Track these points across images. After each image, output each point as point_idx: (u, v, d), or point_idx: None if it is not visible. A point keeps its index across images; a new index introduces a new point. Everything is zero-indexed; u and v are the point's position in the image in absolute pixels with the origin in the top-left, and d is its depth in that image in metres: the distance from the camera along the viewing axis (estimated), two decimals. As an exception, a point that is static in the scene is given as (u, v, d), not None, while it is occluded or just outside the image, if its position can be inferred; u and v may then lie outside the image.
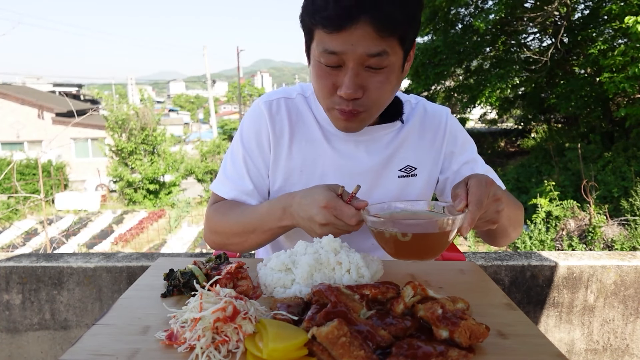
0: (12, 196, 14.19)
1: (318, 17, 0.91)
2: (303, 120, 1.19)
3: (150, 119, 17.70)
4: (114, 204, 17.42)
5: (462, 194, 0.88)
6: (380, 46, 0.91)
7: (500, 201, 0.92)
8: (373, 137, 1.17)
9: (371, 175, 1.18)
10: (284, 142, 1.17)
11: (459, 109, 15.09)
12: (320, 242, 0.93)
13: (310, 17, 0.93)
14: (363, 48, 0.91)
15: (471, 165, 1.24)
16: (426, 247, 0.86)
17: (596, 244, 6.11)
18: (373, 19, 0.88)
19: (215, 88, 65.76)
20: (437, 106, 1.27)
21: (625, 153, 10.76)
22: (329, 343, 0.61)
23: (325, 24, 0.90)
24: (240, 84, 37.34)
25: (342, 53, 0.92)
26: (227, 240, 1.19)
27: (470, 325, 0.66)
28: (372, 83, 0.97)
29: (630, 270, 1.75)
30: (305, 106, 1.20)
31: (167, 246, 11.72)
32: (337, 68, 0.96)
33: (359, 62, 0.93)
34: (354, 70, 0.94)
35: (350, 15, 0.88)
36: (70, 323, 1.81)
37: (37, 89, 29.78)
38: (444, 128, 1.23)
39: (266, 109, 1.18)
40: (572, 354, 1.80)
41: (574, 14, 12.06)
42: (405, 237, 0.84)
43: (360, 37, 0.90)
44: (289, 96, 1.21)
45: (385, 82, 0.98)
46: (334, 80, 0.98)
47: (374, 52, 0.91)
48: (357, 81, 0.95)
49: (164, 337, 0.69)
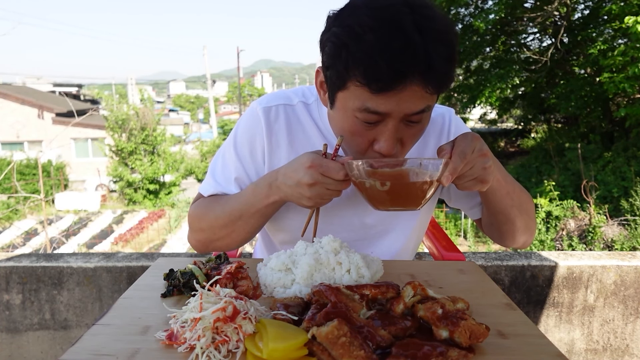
0: (12, 196, 14.19)
1: (360, 73, 0.81)
2: (303, 130, 1.12)
3: (150, 119, 17.70)
4: (114, 204, 17.41)
5: (447, 148, 0.87)
6: (426, 102, 0.86)
7: (486, 157, 0.90)
8: None
9: None
10: (281, 153, 1.12)
11: (459, 109, 15.09)
12: (321, 242, 0.93)
13: (348, 69, 0.83)
14: (409, 107, 0.85)
15: None
16: (406, 196, 0.85)
17: (596, 244, 6.11)
18: (424, 80, 0.81)
19: (215, 88, 65.76)
20: (440, 108, 1.22)
21: (625, 153, 10.76)
22: (329, 343, 0.61)
23: (371, 83, 0.81)
24: (240, 84, 37.35)
25: (386, 113, 0.86)
26: (212, 235, 1.12)
27: (470, 325, 0.66)
28: (409, 135, 0.93)
29: (630, 270, 1.75)
30: (306, 115, 1.13)
31: (167, 246, 11.73)
32: (375, 123, 0.89)
33: (401, 119, 0.88)
34: (395, 127, 0.88)
35: (402, 78, 0.80)
36: (70, 323, 1.81)
37: (37, 89, 29.77)
38: (448, 130, 1.18)
39: (264, 116, 1.11)
40: (572, 354, 1.80)
41: (573, 14, 12.06)
42: (384, 187, 0.84)
43: (409, 97, 0.83)
44: (289, 103, 1.14)
45: (420, 133, 0.95)
46: (370, 136, 0.92)
47: (418, 109, 0.86)
48: (397, 136, 0.90)
49: (164, 337, 0.69)
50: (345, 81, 0.86)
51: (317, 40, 0.94)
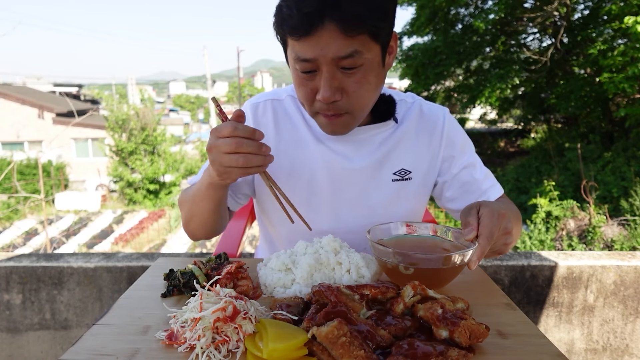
0: (12, 196, 14.19)
1: (285, 26, 0.92)
2: (291, 122, 1.17)
3: (150, 119, 17.70)
4: (114, 204, 17.41)
5: (474, 223, 0.87)
6: (351, 46, 0.90)
7: (509, 234, 0.92)
8: (364, 137, 1.14)
9: (363, 177, 1.15)
10: (269, 145, 1.14)
11: (459, 109, 15.09)
12: (320, 242, 0.93)
13: (280, 27, 0.94)
14: (333, 51, 0.90)
15: (470, 170, 1.22)
16: (430, 280, 0.83)
17: (596, 244, 6.11)
18: (337, 21, 0.87)
19: (215, 88, 65.73)
20: (434, 106, 1.24)
21: (625, 153, 10.75)
22: (329, 343, 0.61)
23: (292, 32, 0.91)
24: (240, 84, 37.33)
25: (314, 59, 0.92)
26: (185, 219, 1.16)
27: (470, 325, 0.66)
28: (350, 84, 0.96)
29: (630, 270, 1.75)
30: (293, 107, 1.17)
31: (167, 246, 11.72)
32: (313, 73, 0.95)
33: (332, 65, 0.92)
34: (328, 73, 0.93)
35: (313, 21, 0.87)
36: (71, 323, 1.81)
37: (37, 89, 29.76)
38: (442, 129, 1.19)
39: (251, 112, 1.17)
40: (572, 353, 1.80)
41: (573, 14, 12.05)
42: (408, 271, 0.83)
43: (328, 41, 0.89)
44: (277, 97, 1.19)
45: (363, 81, 0.96)
46: (312, 86, 0.97)
47: (344, 53, 0.90)
48: (333, 84, 0.94)
49: (164, 337, 0.69)
50: (284, 38, 0.96)
51: None
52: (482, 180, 1.22)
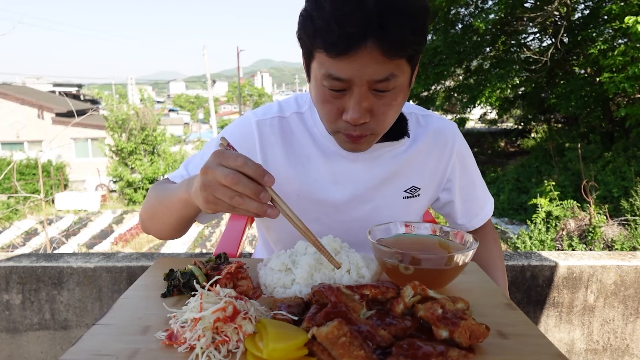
0: (12, 196, 14.19)
1: (319, 41, 0.84)
2: (298, 140, 1.12)
3: (150, 119, 17.71)
4: (114, 204, 17.41)
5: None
6: (388, 69, 0.85)
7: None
8: (376, 155, 1.11)
9: (373, 193, 1.13)
10: (277, 166, 1.11)
11: (459, 109, 15.08)
12: (320, 242, 0.93)
13: (311, 38, 0.86)
14: (370, 73, 0.85)
15: (472, 189, 1.26)
16: (430, 280, 0.83)
17: (596, 244, 6.11)
18: (379, 43, 0.81)
19: (215, 88, 65.74)
20: (444, 122, 1.21)
21: (625, 153, 10.76)
22: (329, 343, 0.61)
23: (328, 49, 0.83)
24: (240, 84, 37.34)
25: (348, 79, 0.86)
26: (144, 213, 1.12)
27: (470, 325, 0.66)
28: (380, 106, 0.91)
29: (630, 270, 1.75)
30: (300, 125, 1.13)
31: (167, 246, 11.72)
32: (342, 92, 0.90)
33: (365, 87, 0.87)
34: (360, 95, 0.88)
35: (355, 40, 0.81)
36: (70, 323, 1.81)
37: (37, 89, 29.77)
38: (451, 147, 1.19)
39: (257, 130, 1.11)
40: (572, 354, 1.80)
41: (574, 14, 12.05)
42: (408, 270, 0.84)
43: (367, 62, 0.83)
44: (282, 115, 1.14)
45: (393, 104, 0.93)
46: (339, 105, 0.92)
47: (381, 77, 0.85)
48: (363, 106, 0.89)
49: (164, 337, 0.69)
50: (312, 51, 0.89)
51: None
52: (481, 198, 1.29)
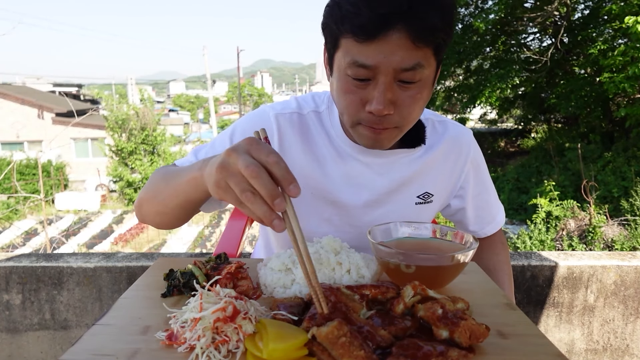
0: (12, 196, 14.20)
1: (347, 24, 0.82)
2: (314, 139, 1.10)
3: (150, 119, 17.72)
4: (114, 204, 17.41)
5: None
6: (415, 58, 0.83)
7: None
8: (390, 160, 1.10)
9: (386, 198, 1.11)
10: (294, 160, 1.08)
11: (459, 109, 15.09)
12: (321, 242, 0.93)
13: (338, 24, 0.84)
14: (397, 61, 0.82)
15: (484, 196, 1.25)
16: (430, 280, 0.83)
17: (596, 244, 6.11)
18: (408, 27, 0.79)
19: (215, 88, 65.78)
20: (460, 128, 1.19)
21: (625, 153, 10.77)
22: (329, 343, 0.61)
23: (357, 31, 0.81)
24: (240, 84, 37.35)
25: (374, 66, 0.84)
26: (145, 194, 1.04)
27: (470, 325, 0.66)
28: (404, 98, 0.88)
29: (630, 270, 1.75)
30: (317, 124, 1.11)
31: (167, 246, 11.73)
32: (366, 82, 0.87)
33: (391, 76, 0.85)
34: (385, 84, 0.85)
35: (385, 23, 0.79)
36: (70, 323, 1.81)
37: (37, 89, 29.77)
38: (466, 155, 1.17)
39: (275, 121, 1.08)
40: (572, 354, 1.80)
41: (574, 14, 12.06)
42: (409, 269, 0.84)
43: (395, 48, 0.81)
44: (300, 111, 1.11)
45: (418, 97, 0.89)
46: (362, 95, 0.89)
47: (408, 65, 0.83)
48: (388, 96, 0.86)
49: (164, 337, 0.69)
50: (338, 38, 0.87)
51: (318, 41, 0.94)
52: (493, 205, 1.28)
